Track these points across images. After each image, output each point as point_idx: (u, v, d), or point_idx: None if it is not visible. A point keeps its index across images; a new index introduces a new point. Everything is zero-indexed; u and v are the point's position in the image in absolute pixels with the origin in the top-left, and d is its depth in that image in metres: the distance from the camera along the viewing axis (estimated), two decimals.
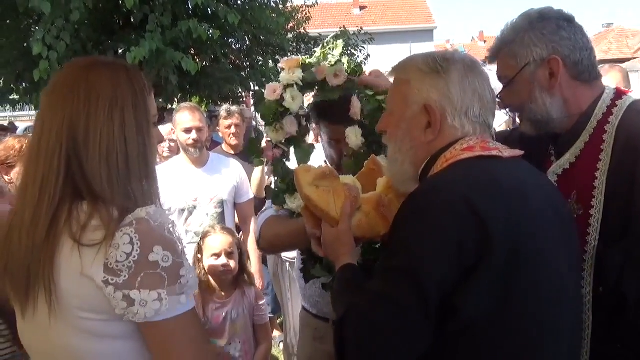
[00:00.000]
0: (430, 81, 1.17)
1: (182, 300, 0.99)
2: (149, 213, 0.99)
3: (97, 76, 1.05)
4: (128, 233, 0.95)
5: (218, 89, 9.64)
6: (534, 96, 1.35)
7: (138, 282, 0.95)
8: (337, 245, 1.30)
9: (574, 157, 1.37)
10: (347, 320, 1.07)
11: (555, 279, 1.08)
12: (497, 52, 1.41)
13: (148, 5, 7.24)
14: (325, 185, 1.37)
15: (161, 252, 0.96)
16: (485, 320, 1.02)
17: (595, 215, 1.29)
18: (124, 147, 1.03)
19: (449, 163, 1.13)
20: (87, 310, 0.98)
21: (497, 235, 0.99)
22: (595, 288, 1.29)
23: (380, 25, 29.63)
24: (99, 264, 0.96)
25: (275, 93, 1.68)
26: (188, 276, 1.01)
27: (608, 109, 1.34)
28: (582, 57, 1.34)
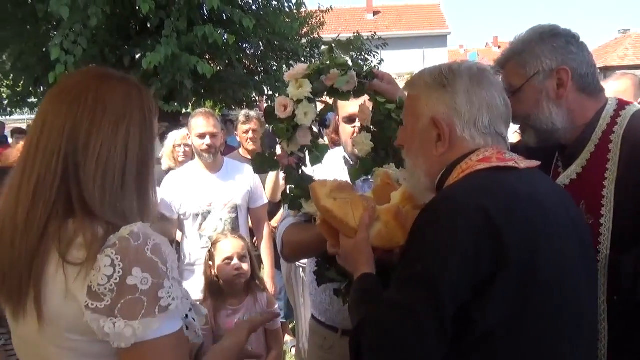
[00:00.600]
0: (437, 94, 1.19)
1: (156, 324, 0.93)
2: (132, 232, 0.95)
3: (108, 88, 1.04)
4: (109, 255, 0.92)
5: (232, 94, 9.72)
6: (541, 105, 1.37)
7: (118, 308, 0.91)
8: (356, 255, 1.30)
9: (581, 167, 1.39)
10: (364, 328, 1.07)
11: (572, 288, 1.08)
12: (505, 62, 1.43)
13: (164, 10, 7.33)
14: (342, 196, 1.39)
15: (140, 275, 0.92)
16: (502, 330, 1.01)
17: (606, 224, 1.30)
18: (123, 162, 1.02)
19: (465, 174, 1.14)
20: (72, 332, 0.96)
21: (513, 246, 0.99)
22: (610, 297, 1.29)
23: (394, 30, 29.63)
24: (82, 286, 0.93)
25: (286, 111, 1.62)
26: (169, 298, 0.95)
27: (612, 119, 1.37)
28: (588, 71, 1.38)
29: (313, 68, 1.65)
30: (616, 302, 1.28)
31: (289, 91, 1.62)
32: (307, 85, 1.61)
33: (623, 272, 1.26)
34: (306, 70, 1.63)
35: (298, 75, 1.63)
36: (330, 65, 1.63)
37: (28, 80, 8.86)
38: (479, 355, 1.04)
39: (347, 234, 1.34)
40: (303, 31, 11.72)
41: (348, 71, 1.62)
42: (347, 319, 1.96)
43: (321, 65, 1.65)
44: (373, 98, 1.71)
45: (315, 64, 1.67)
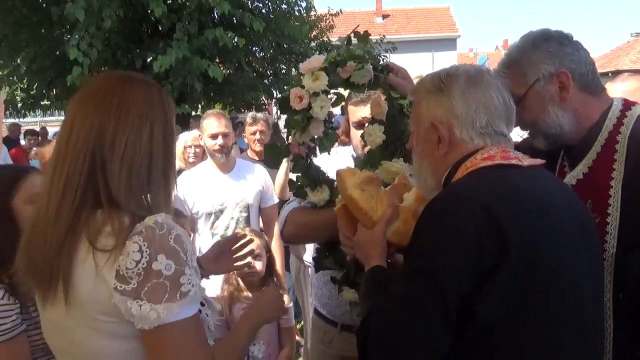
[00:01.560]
0: (435, 98, 1.23)
1: (177, 309, 1.01)
2: (156, 222, 1.03)
3: (131, 90, 1.11)
4: (137, 241, 1.00)
5: (242, 96, 9.80)
6: (547, 110, 1.38)
7: (144, 292, 0.99)
8: (370, 246, 1.33)
9: (587, 167, 1.40)
10: (371, 320, 1.10)
11: (574, 285, 1.09)
12: (504, 72, 1.43)
13: (175, 14, 7.42)
14: (370, 189, 1.41)
15: (164, 261, 1.00)
16: (503, 324, 1.03)
17: (612, 223, 1.31)
18: (148, 160, 1.09)
19: (468, 171, 1.16)
20: (100, 312, 1.02)
21: (515, 241, 1.01)
22: (615, 294, 1.30)
23: (403, 33, 29.63)
24: (111, 270, 1.00)
25: (302, 102, 1.62)
26: (189, 284, 1.03)
27: (618, 120, 1.38)
28: (587, 70, 1.38)
29: (329, 60, 1.63)
30: (622, 300, 1.29)
31: (304, 83, 1.61)
32: (324, 78, 1.60)
33: (629, 270, 1.28)
34: (322, 62, 1.62)
35: (314, 67, 1.61)
36: (347, 57, 1.63)
37: (42, 83, 9.00)
38: (480, 348, 1.06)
39: (367, 226, 1.37)
40: (312, 34, 11.78)
41: (365, 64, 1.63)
42: (345, 314, 2.01)
43: (338, 57, 1.65)
44: (387, 92, 1.71)
45: (331, 55, 1.66)
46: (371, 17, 32.44)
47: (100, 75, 1.21)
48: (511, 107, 1.24)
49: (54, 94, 9.31)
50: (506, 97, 1.22)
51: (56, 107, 10.17)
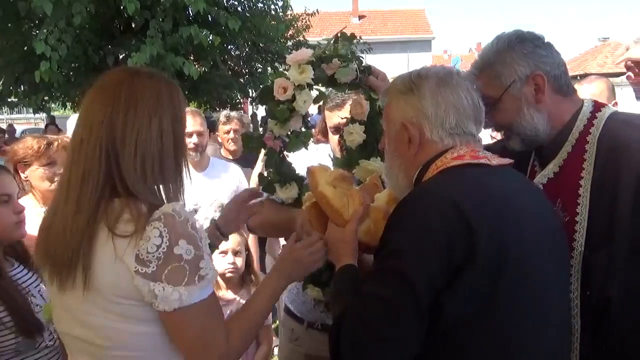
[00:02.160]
0: (406, 99, 1.25)
1: (197, 292, 1.08)
2: (174, 209, 1.09)
3: (140, 84, 1.15)
4: (157, 227, 1.05)
5: (217, 95, 9.70)
6: (523, 112, 1.39)
7: (165, 274, 1.05)
8: (341, 245, 1.33)
9: (557, 167, 1.42)
10: (343, 320, 1.10)
11: (540, 280, 1.12)
12: (480, 73, 1.44)
13: (149, 10, 7.29)
14: (342, 187, 1.40)
15: (185, 246, 1.06)
16: (471, 319, 1.05)
17: (581, 222, 1.33)
18: (159, 154, 1.14)
19: (438, 170, 1.18)
20: (119, 295, 1.08)
21: (483, 239, 1.03)
22: (583, 292, 1.33)
23: (379, 34, 29.85)
24: (131, 254, 1.05)
25: (286, 93, 1.62)
26: (207, 268, 1.10)
27: (589, 121, 1.40)
28: (560, 72, 1.40)
29: (316, 54, 1.64)
30: (589, 298, 1.32)
31: (290, 74, 1.61)
32: (310, 71, 1.59)
33: (596, 269, 1.30)
34: (310, 56, 1.63)
35: (302, 59, 1.61)
36: (333, 54, 1.64)
37: (9, 79, 8.71)
38: (448, 344, 1.08)
39: (338, 224, 1.37)
40: (289, 34, 11.74)
41: (349, 63, 1.64)
42: (311, 311, 2.03)
43: (324, 53, 1.66)
44: (367, 93, 1.74)
45: (318, 51, 1.67)
46: (347, 17, 32.56)
47: (110, 71, 1.24)
48: (480, 108, 1.26)
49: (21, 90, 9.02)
50: (475, 97, 1.24)
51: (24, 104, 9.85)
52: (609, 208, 1.30)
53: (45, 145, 2.27)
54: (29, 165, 2.26)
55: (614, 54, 18.90)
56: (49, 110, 11.28)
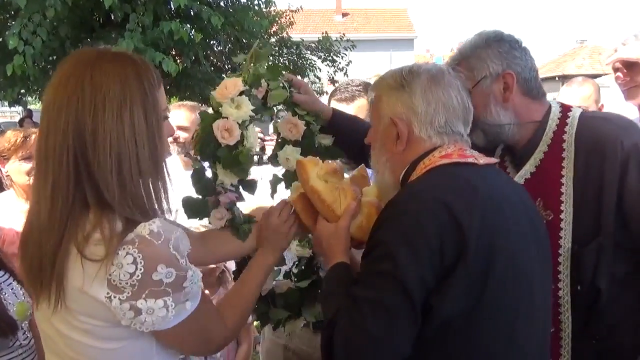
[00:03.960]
0: (396, 95, 1.24)
1: (187, 307, 1.03)
2: (152, 231, 0.97)
3: (102, 74, 0.99)
4: (131, 253, 0.94)
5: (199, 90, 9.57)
6: (489, 108, 1.43)
7: (144, 295, 0.96)
8: (333, 242, 1.30)
9: (534, 167, 1.46)
10: (336, 324, 1.09)
11: (527, 281, 1.13)
12: (454, 66, 1.47)
13: (129, 4, 7.15)
14: (333, 181, 1.36)
15: (164, 270, 0.96)
16: (461, 318, 1.06)
17: (566, 219, 1.37)
18: (134, 150, 1.00)
19: (427, 169, 1.18)
20: (90, 316, 1.00)
21: (472, 238, 1.04)
22: (573, 287, 1.36)
23: (362, 32, 29.87)
24: (101, 281, 0.95)
25: (233, 135, 1.37)
26: (192, 285, 1.02)
27: (561, 121, 1.45)
28: (531, 76, 1.45)
29: (244, 80, 1.42)
30: (579, 292, 1.35)
31: (226, 113, 1.36)
32: (247, 103, 1.37)
33: (585, 263, 1.34)
34: (239, 86, 1.39)
35: (232, 93, 1.37)
36: (260, 75, 1.44)
37: None
38: (438, 343, 1.08)
39: (329, 219, 1.33)
40: (272, 30, 11.67)
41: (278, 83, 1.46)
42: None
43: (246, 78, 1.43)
44: (291, 109, 1.55)
45: (244, 74, 1.44)
46: (330, 15, 32.54)
47: (69, 58, 1.06)
48: (469, 109, 1.26)
49: None
50: (465, 98, 1.25)
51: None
52: (595, 202, 1.34)
53: (22, 139, 2.22)
54: (8, 159, 2.23)
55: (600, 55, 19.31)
56: (25, 104, 11.01)
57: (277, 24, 11.97)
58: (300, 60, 12.26)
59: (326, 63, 12.63)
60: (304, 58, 12.33)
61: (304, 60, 12.33)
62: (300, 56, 12.25)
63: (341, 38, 12.62)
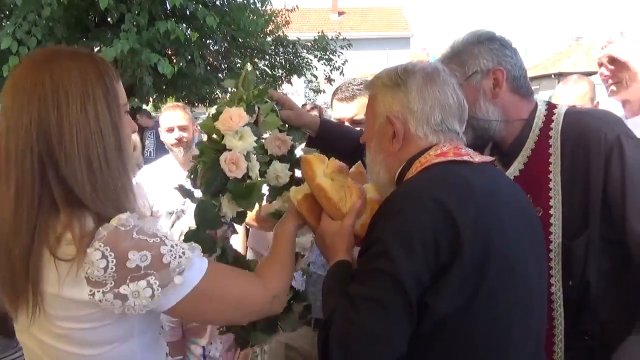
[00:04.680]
0: (392, 93, 1.25)
1: (178, 281, 0.99)
2: (120, 219, 0.97)
3: (62, 70, 0.98)
4: (98, 248, 0.93)
5: (195, 90, 9.56)
6: (478, 103, 1.46)
7: (127, 281, 0.95)
8: (337, 239, 1.30)
9: (522, 164, 1.48)
10: (333, 321, 1.09)
11: (522, 272, 1.13)
12: (446, 62, 1.50)
13: (125, 4, 7.13)
14: (339, 179, 1.35)
15: (137, 255, 0.95)
16: (457, 315, 1.06)
17: (555, 214, 1.39)
18: (101, 142, 0.99)
19: (423, 167, 1.19)
20: (66, 320, 0.98)
21: (467, 235, 1.04)
22: (565, 282, 1.37)
23: (358, 31, 29.87)
24: (80, 281, 0.95)
25: (240, 168, 1.35)
26: (176, 258, 0.99)
27: (547, 118, 1.47)
28: (520, 74, 1.48)
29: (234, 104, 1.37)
30: (571, 288, 1.36)
31: (231, 145, 1.32)
32: (250, 134, 1.34)
33: (576, 256, 1.35)
34: (244, 117, 1.35)
35: (239, 124, 1.33)
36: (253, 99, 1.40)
37: None
38: (435, 341, 1.08)
39: (335, 217, 1.33)
40: (268, 29, 11.66)
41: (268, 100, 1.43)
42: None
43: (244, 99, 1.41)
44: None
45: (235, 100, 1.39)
46: (327, 14, 32.53)
47: (25, 58, 1.06)
48: (464, 107, 1.26)
49: None
50: (460, 96, 1.25)
51: None
52: (582, 196, 1.36)
53: None
54: None
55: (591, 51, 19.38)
56: None
57: (274, 23, 11.96)
58: (296, 59, 12.25)
59: (322, 62, 12.62)
60: (300, 57, 12.32)
61: (301, 59, 12.33)
62: (297, 55, 12.24)
63: (337, 37, 12.62)
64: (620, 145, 1.33)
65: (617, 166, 1.32)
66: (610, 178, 1.33)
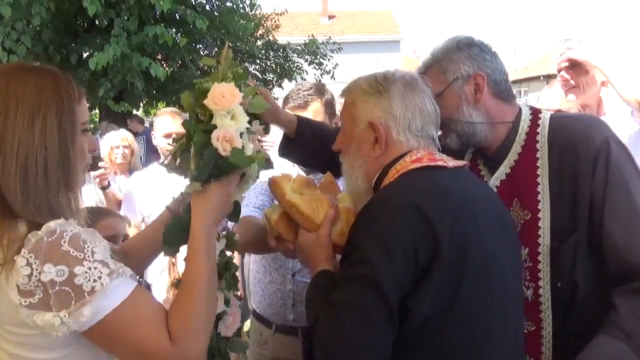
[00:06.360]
0: (374, 100, 1.27)
1: (85, 312, 0.94)
2: (47, 230, 0.95)
3: (18, 83, 1.00)
4: (24, 255, 0.92)
5: None
6: (461, 109, 1.46)
7: (51, 301, 0.93)
8: (317, 250, 1.33)
9: (509, 168, 1.49)
10: (316, 329, 1.10)
11: (499, 274, 1.15)
12: (427, 69, 1.52)
13: (113, 9, 7.11)
14: (308, 192, 1.39)
15: (53, 269, 0.92)
16: (439, 317, 1.07)
17: (544, 217, 1.39)
18: (43, 156, 0.98)
19: (399, 174, 1.21)
20: (15, 326, 0.98)
21: (445, 239, 1.06)
22: (553, 284, 1.38)
23: (348, 34, 30.00)
24: (10, 287, 0.94)
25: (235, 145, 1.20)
26: (89, 282, 0.94)
27: (532, 122, 1.49)
28: (501, 78, 1.48)
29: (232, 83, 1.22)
30: (560, 289, 1.37)
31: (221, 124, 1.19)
32: (242, 113, 1.22)
33: (564, 258, 1.36)
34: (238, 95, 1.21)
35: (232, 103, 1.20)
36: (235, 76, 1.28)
37: None
38: (417, 344, 1.09)
39: (310, 230, 1.35)
40: (258, 33, 11.67)
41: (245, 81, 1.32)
42: (277, 313, 2.00)
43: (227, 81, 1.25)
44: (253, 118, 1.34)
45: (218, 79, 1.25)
46: (317, 17, 32.62)
47: None
48: (438, 114, 1.32)
49: None
50: (435, 104, 1.31)
51: None
52: (570, 199, 1.37)
53: None
54: None
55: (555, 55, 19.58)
56: None
57: (263, 27, 11.97)
58: (287, 63, 12.27)
59: (313, 66, 12.65)
60: (290, 61, 12.34)
61: (291, 63, 12.35)
62: (287, 59, 12.26)
63: (328, 41, 12.66)
64: (607, 148, 1.35)
65: (602, 169, 1.34)
66: (594, 180, 1.34)
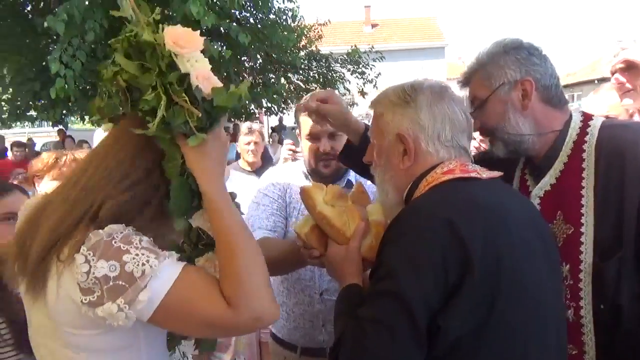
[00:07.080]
0: (401, 111, 1.24)
1: (142, 297, 0.95)
2: (111, 229, 0.99)
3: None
4: (83, 252, 0.96)
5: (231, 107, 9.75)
6: (508, 116, 1.39)
7: (105, 297, 0.95)
8: (346, 264, 1.31)
9: (554, 178, 1.40)
10: (342, 344, 1.08)
11: (536, 293, 1.10)
12: (471, 75, 1.46)
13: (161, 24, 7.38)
14: (339, 204, 1.37)
15: (106, 265, 0.95)
16: (471, 337, 1.03)
17: (587, 232, 1.31)
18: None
19: (430, 186, 1.17)
20: (71, 327, 1.01)
21: (477, 256, 1.02)
22: (596, 306, 1.29)
23: (392, 42, 29.84)
24: (72, 284, 0.97)
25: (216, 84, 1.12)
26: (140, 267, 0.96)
27: (581, 130, 1.39)
28: (551, 83, 1.40)
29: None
30: (602, 311, 1.29)
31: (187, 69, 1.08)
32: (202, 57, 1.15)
33: (607, 277, 1.27)
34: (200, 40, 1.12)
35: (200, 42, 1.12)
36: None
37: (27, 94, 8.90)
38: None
39: (340, 242, 1.34)
40: (301, 44, 11.81)
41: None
42: (304, 336, 1.94)
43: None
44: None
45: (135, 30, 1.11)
46: (360, 26, 32.67)
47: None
48: (470, 123, 1.26)
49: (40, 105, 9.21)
50: (467, 112, 1.26)
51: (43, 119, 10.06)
52: (616, 213, 1.28)
53: (54, 159, 2.33)
54: (41, 178, 2.33)
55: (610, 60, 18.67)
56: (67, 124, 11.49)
57: (306, 38, 12.10)
58: (329, 73, 12.34)
59: (355, 75, 12.66)
60: (333, 71, 12.40)
61: (334, 72, 12.41)
62: (330, 69, 12.33)
63: (370, 50, 12.64)
64: None
65: None
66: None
